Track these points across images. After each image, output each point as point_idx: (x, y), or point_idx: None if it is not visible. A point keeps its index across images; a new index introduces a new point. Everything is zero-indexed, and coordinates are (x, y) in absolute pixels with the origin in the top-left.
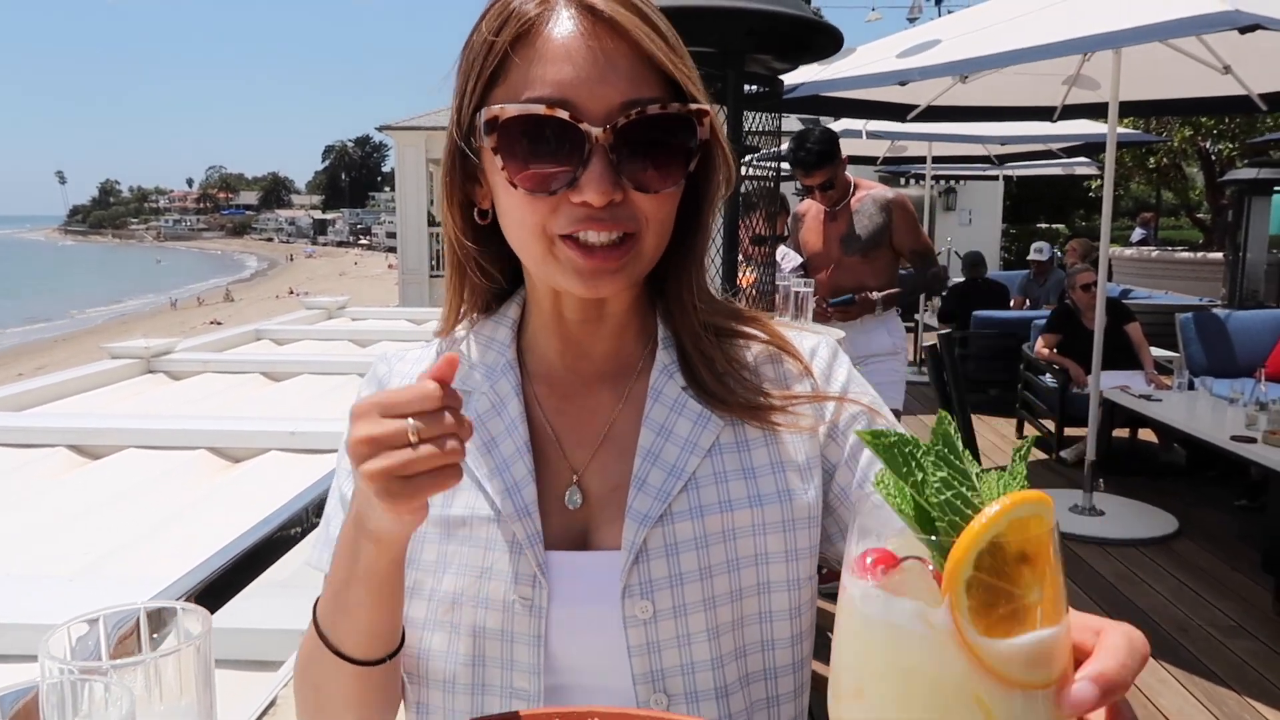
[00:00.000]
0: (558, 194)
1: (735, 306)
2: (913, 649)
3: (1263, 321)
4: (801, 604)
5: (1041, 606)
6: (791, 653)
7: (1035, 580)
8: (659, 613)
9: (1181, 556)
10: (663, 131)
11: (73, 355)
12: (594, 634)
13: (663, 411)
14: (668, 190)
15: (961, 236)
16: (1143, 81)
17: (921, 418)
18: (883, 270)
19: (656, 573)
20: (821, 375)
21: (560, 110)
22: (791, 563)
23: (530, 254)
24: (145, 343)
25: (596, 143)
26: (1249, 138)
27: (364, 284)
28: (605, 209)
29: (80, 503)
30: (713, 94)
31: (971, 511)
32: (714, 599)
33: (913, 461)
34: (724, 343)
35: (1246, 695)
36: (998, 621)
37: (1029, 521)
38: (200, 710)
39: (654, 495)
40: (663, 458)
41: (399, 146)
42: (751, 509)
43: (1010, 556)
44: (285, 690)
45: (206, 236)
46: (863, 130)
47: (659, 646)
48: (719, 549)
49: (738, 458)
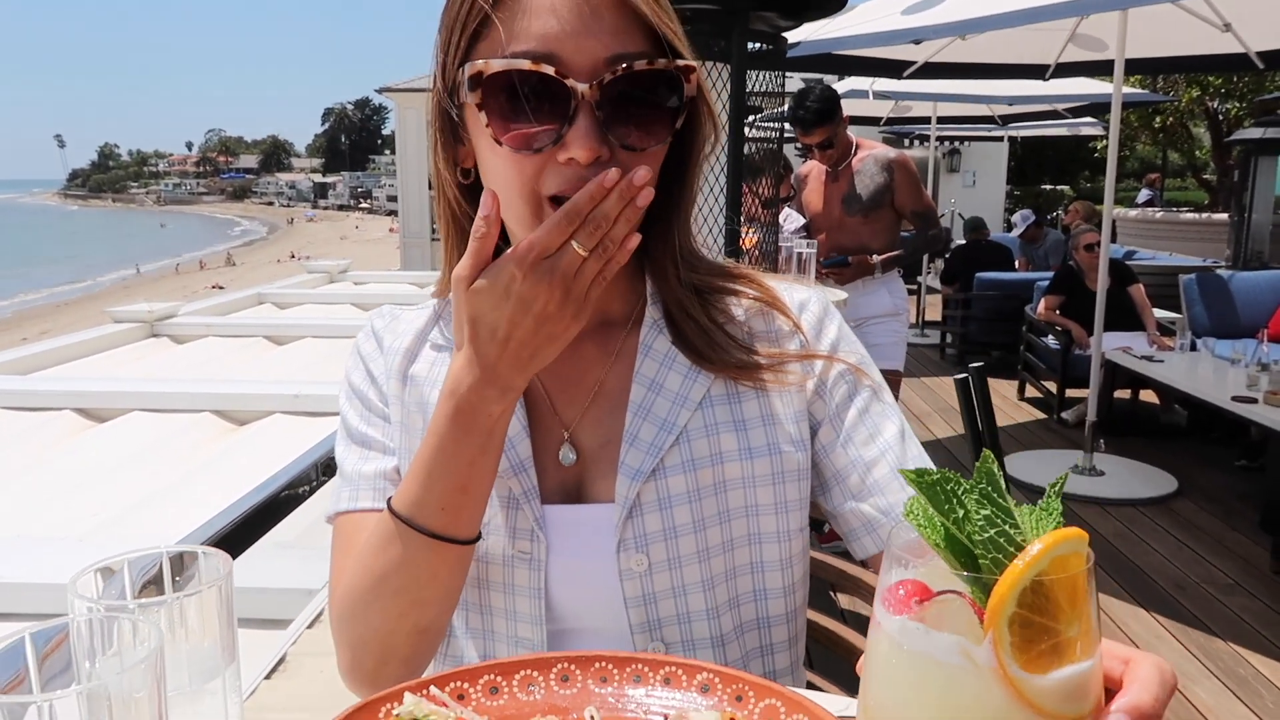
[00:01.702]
0: (543, 152)
1: (724, 263)
2: (955, 683)
3: (1267, 282)
4: (793, 555)
5: (1079, 641)
6: (785, 602)
7: (1074, 616)
8: (654, 565)
9: (1181, 516)
10: (649, 88)
11: (76, 320)
12: (592, 585)
13: (653, 366)
14: (654, 148)
15: (965, 198)
16: (1145, 40)
17: (923, 379)
18: (884, 231)
19: (650, 526)
20: (811, 331)
21: (545, 65)
22: (781, 514)
23: (516, 215)
24: (148, 307)
25: (583, 99)
26: (1257, 96)
27: (365, 248)
28: (592, 166)
29: (88, 465)
30: (716, 51)
31: (1014, 549)
32: (707, 550)
33: (954, 499)
34: (713, 299)
35: (1243, 651)
36: (1038, 656)
37: (1069, 559)
38: (223, 649)
39: (646, 450)
40: (654, 412)
41: (399, 109)
42: (742, 461)
43: (1051, 593)
44: (294, 648)
45: (206, 200)
46: (869, 90)
47: (655, 598)
48: (711, 501)
49: (729, 409)
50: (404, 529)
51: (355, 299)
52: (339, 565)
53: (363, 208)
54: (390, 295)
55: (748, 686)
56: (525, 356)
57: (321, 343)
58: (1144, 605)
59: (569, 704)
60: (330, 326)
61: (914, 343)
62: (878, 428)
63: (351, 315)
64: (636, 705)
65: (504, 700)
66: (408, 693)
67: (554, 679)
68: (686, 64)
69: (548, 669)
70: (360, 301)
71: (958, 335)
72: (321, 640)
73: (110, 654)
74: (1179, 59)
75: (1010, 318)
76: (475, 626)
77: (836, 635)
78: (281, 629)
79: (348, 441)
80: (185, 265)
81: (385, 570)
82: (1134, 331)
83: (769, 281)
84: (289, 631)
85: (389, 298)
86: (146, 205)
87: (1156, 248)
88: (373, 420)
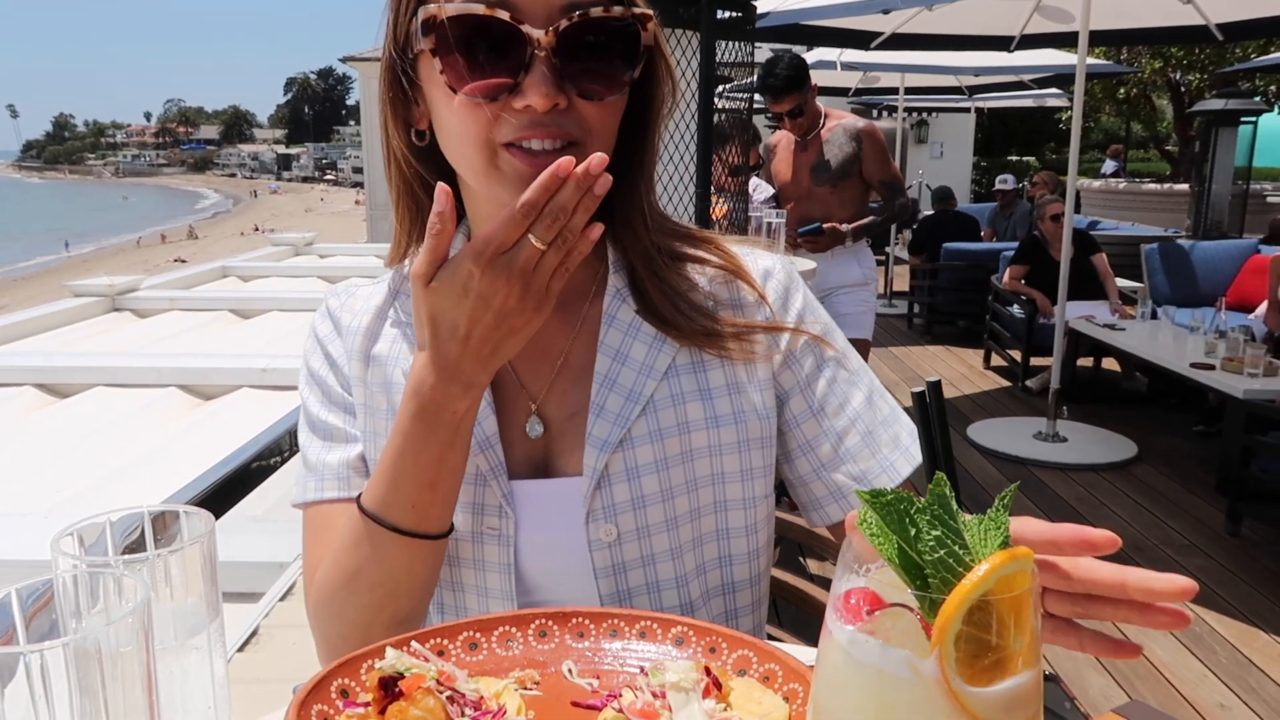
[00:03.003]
0: (499, 100)
1: (687, 227)
2: (901, 694)
3: (1225, 251)
4: (757, 521)
5: (1021, 655)
6: (749, 568)
7: (1018, 632)
8: (623, 535)
9: (1140, 480)
10: (606, 36)
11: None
12: (561, 558)
13: (617, 336)
14: (611, 98)
15: (933, 169)
16: (1109, 11)
17: (891, 349)
18: (852, 201)
19: (619, 496)
20: (777, 300)
21: (500, 10)
22: (747, 481)
23: (471, 167)
24: (109, 280)
25: (539, 45)
26: (1218, 68)
27: (331, 220)
28: (548, 114)
29: (51, 442)
30: (685, 18)
31: (963, 569)
32: (675, 519)
33: (908, 518)
34: (676, 265)
35: (1199, 610)
36: (981, 671)
37: (1015, 578)
38: (207, 607)
39: (612, 421)
40: (620, 383)
41: (363, 79)
42: (708, 430)
43: (997, 611)
44: (266, 620)
45: (167, 172)
46: (837, 61)
47: (624, 567)
48: (679, 470)
49: (694, 379)
50: (374, 527)
51: (321, 271)
52: (311, 556)
53: (328, 179)
54: (356, 268)
55: (721, 639)
56: (486, 352)
57: (287, 316)
58: None
59: (547, 658)
60: (296, 300)
61: (882, 313)
62: (846, 396)
63: (317, 288)
64: (613, 658)
65: (483, 655)
66: (389, 648)
67: (532, 634)
68: (643, 12)
69: (525, 625)
70: (326, 274)
71: (925, 305)
72: (293, 612)
73: (96, 611)
74: (1142, 31)
75: (977, 287)
76: (448, 604)
77: (805, 594)
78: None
79: (309, 430)
80: (147, 239)
81: (358, 567)
82: (1097, 300)
83: (733, 248)
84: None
85: (355, 270)
86: (104, 177)
87: (1120, 218)
88: (333, 408)
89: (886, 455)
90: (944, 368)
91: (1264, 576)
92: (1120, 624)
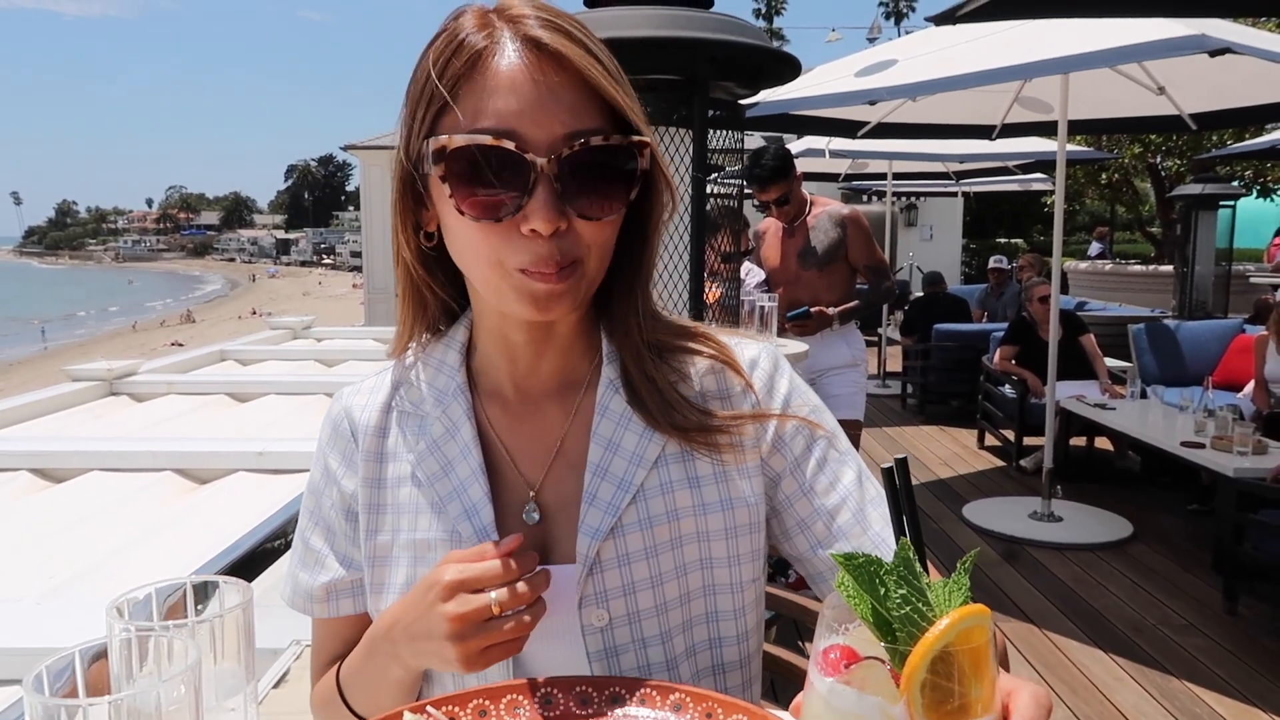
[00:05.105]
0: (504, 221)
1: (682, 323)
2: None
3: (1211, 331)
4: (745, 604)
5: (980, 701)
6: (738, 649)
7: (977, 680)
8: (615, 619)
9: (1136, 559)
10: (605, 162)
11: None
12: (557, 641)
13: (610, 426)
14: (609, 218)
15: (923, 251)
16: (1087, 101)
17: (885, 429)
18: (839, 284)
19: (610, 583)
20: (763, 388)
21: (506, 141)
22: (734, 566)
23: (479, 279)
24: (107, 364)
25: (541, 172)
26: (1196, 154)
27: (329, 303)
28: (552, 239)
29: (44, 526)
30: (677, 119)
31: (926, 624)
32: (665, 604)
33: (877, 579)
34: (668, 358)
35: (1198, 690)
36: (946, 715)
37: (973, 631)
38: (244, 669)
39: (604, 509)
40: (611, 471)
41: (364, 165)
42: (696, 517)
43: (958, 661)
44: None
45: (166, 257)
46: (825, 149)
47: (616, 651)
48: (668, 557)
49: (682, 467)
50: (339, 700)
51: (319, 355)
52: (313, 659)
53: (326, 263)
54: (354, 351)
55: (717, 705)
56: (430, 654)
57: (285, 399)
58: (1102, 647)
59: None
60: (293, 383)
61: (875, 393)
62: (837, 475)
63: (315, 371)
64: None
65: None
66: (408, 712)
67: (538, 702)
68: (641, 139)
69: (532, 693)
70: (324, 357)
71: (918, 385)
72: (289, 700)
73: (146, 671)
74: (1118, 120)
75: (969, 367)
76: (448, 685)
77: (801, 671)
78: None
79: (300, 538)
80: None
81: (332, 711)
82: (1087, 380)
83: (723, 338)
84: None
85: (353, 353)
86: (104, 262)
87: (1106, 298)
88: (317, 528)
89: (878, 531)
90: (938, 447)
91: (1263, 656)
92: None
